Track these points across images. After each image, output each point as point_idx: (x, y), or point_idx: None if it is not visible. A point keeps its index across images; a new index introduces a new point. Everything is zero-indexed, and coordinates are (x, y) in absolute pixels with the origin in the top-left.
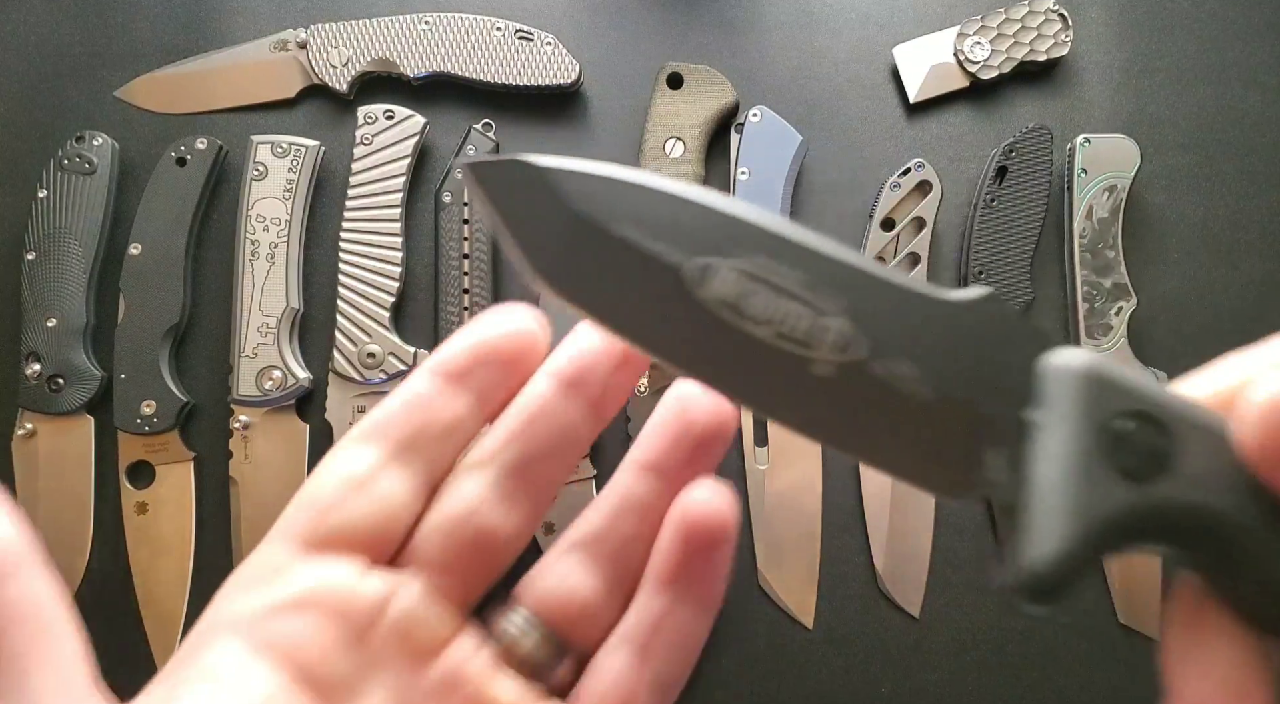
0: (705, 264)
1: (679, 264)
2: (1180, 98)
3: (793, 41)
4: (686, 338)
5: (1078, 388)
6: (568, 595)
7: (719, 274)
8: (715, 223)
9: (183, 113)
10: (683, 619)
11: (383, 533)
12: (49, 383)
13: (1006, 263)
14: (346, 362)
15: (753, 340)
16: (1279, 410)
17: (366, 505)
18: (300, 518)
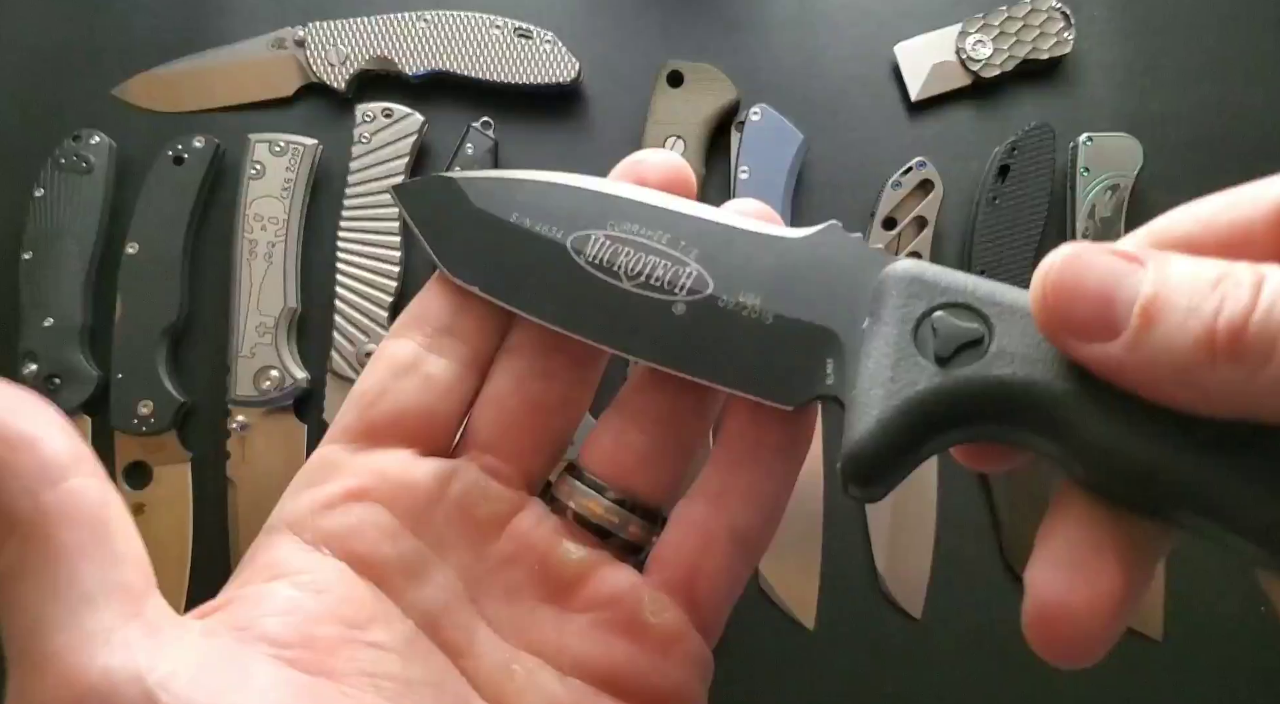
0: (582, 235)
1: (562, 239)
2: (1184, 96)
3: (794, 39)
4: (571, 300)
5: (898, 291)
6: (624, 449)
7: (594, 241)
8: (590, 201)
9: (180, 111)
10: (756, 473)
11: (432, 417)
12: (45, 383)
13: (1009, 262)
14: (345, 361)
15: (624, 292)
16: (1053, 277)
17: (412, 391)
18: (350, 414)
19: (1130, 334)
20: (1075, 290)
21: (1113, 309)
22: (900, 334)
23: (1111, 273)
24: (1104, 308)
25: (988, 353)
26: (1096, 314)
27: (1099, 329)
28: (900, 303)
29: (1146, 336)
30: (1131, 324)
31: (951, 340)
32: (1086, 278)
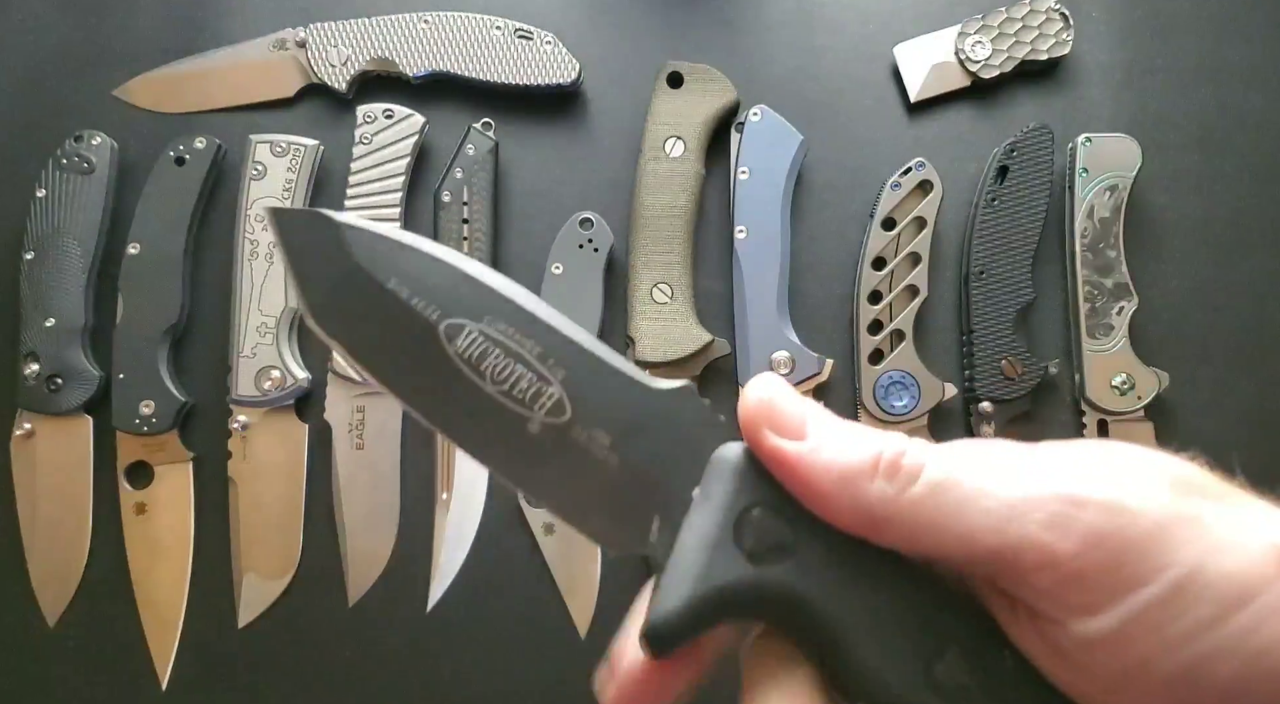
0: (457, 323)
1: (436, 321)
2: (1182, 97)
3: (793, 40)
4: (431, 386)
5: (729, 475)
6: None
7: (467, 333)
8: (473, 290)
9: (181, 112)
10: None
11: None
12: (47, 383)
13: (1007, 262)
14: (345, 361)
15: (485, 395)
16: (765, 390)
17: None
18: None
19: (815, 440)
20: (782, 401)
21: (805, 423)
22: (721, 521)
23: (807, 405)
24: (799, 420)
25: (793, 562)
26: (794, 422)
27: (793, 431)
28: (727, 487)
29: (827, 444)
30: (818, 434)
31: (764, 542)
32: (790, 396)
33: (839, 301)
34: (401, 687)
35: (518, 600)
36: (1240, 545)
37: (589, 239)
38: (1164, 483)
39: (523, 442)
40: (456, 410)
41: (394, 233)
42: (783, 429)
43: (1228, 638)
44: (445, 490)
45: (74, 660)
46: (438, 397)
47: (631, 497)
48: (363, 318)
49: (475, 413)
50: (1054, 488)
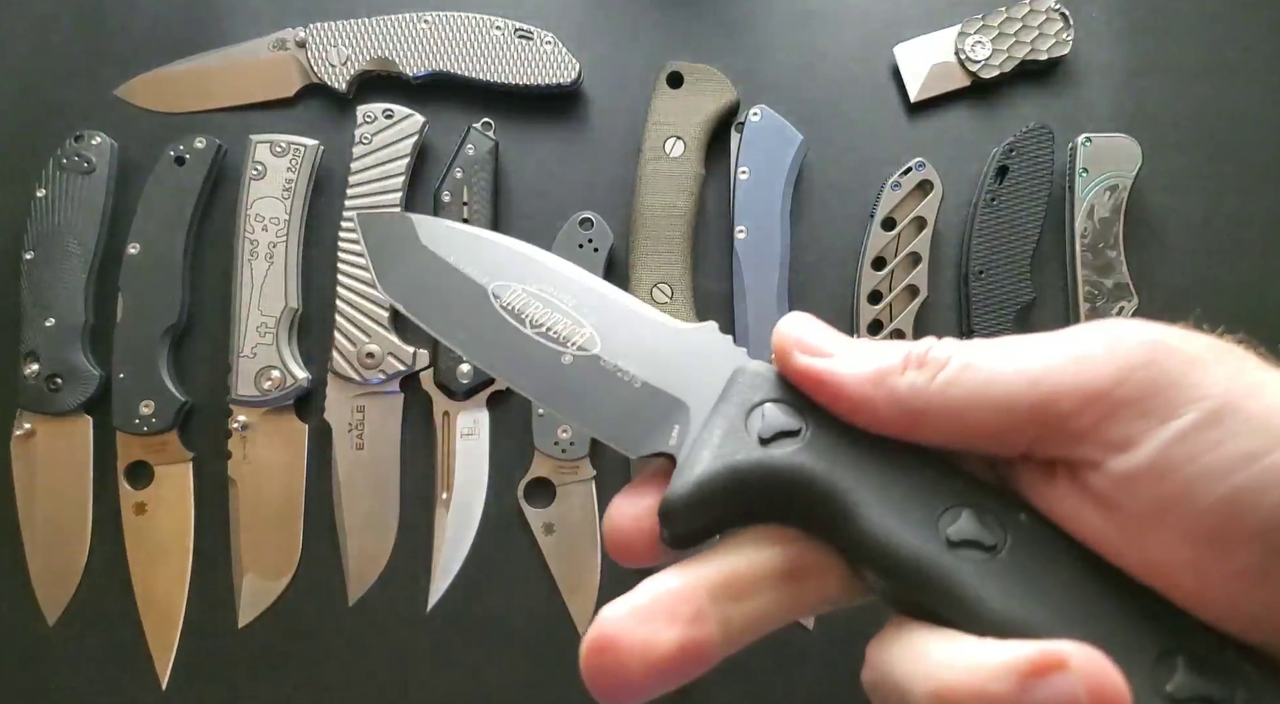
0: (504, 284)
1: (485, 284)
2: (1182, 97)
3: (793, 40)
4: (480, 334)
5: (746, 383)
6: None
7: (511, 291)
8: (518, 261)
9: (182, 112)
10: None
11: None
12: (47, 382)
13: (1007, 262)
14: (346, 361)
15: (525, 337)
16: (795, 321)
17: None
18: None
19: (845, 354)
20: (813, 327)
21: (834, 342)
22: (736, 414)
23: (836, 333)
24: (829, 340)
25: (801, 444)
26: (824, 342)
27: (823, 351)
28: (743, 391)
29: (857, 354)
30: (847, 349)
31: (773, 426)
32: (820, 326)
33: (839, 301)
34: (401, 686)
35: (518, 600)
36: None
37: (589, 239)
38: (1199, 336)
39: (557, 371)
40: (500, 352)
41: (458, 225)
42: (813, 350)
43: (1269, 469)
44: (445, 490)
45: (74, 660)
46: (485, 342)
47: (654, 411)
48: (425, 285)
49: (517, 352)
50: (1086, 336)
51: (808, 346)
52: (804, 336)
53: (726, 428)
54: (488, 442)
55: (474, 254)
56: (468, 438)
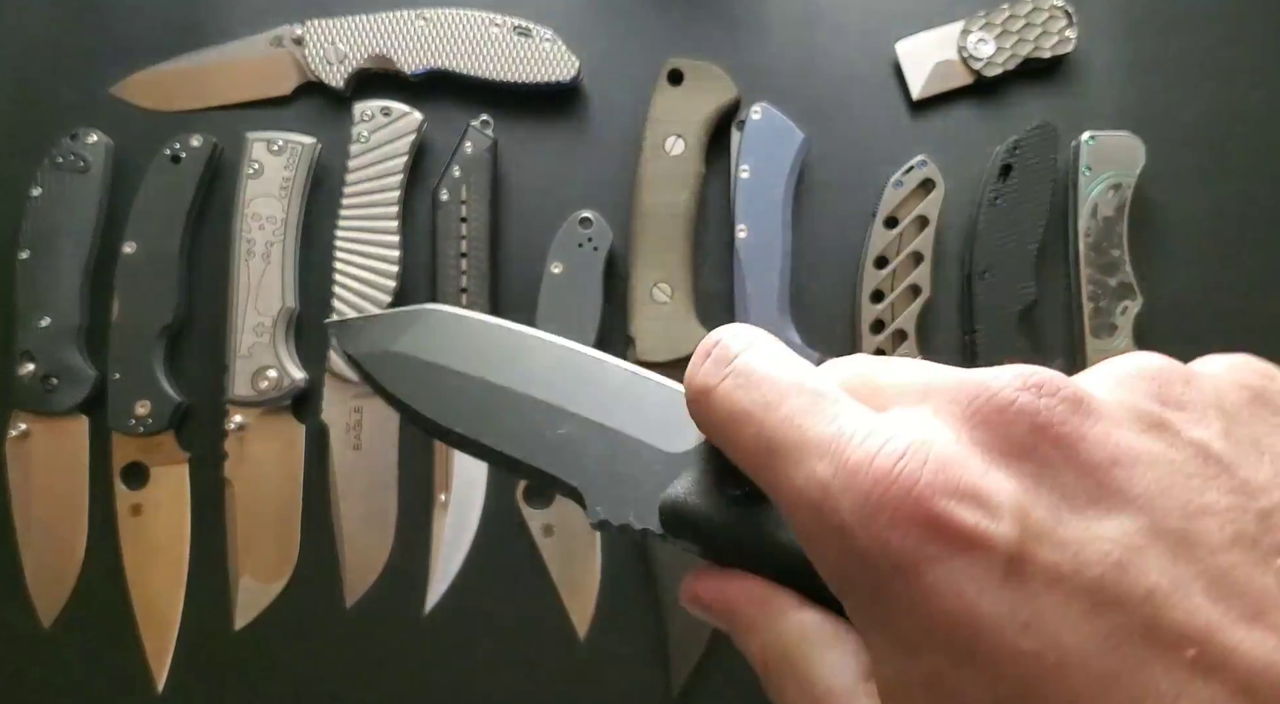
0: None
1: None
2: (1186, 95)
3: (795, 38)
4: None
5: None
6: None
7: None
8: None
9: (178, 110)
10: None
11: None
12: (43, 383)
13: (1010, 261)
14: (343, 362)
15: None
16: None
17: None
18: None
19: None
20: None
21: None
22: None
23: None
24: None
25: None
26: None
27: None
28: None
29: None
30: None
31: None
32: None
33: (841, 301)
34: (399, 689)
35: (516, 602)
36: None
37: (589, 238)
38: None
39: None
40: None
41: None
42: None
43: None
44: (443, 492)
45: (69, 662)
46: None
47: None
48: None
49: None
50: None
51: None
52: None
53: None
54: None
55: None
56: None
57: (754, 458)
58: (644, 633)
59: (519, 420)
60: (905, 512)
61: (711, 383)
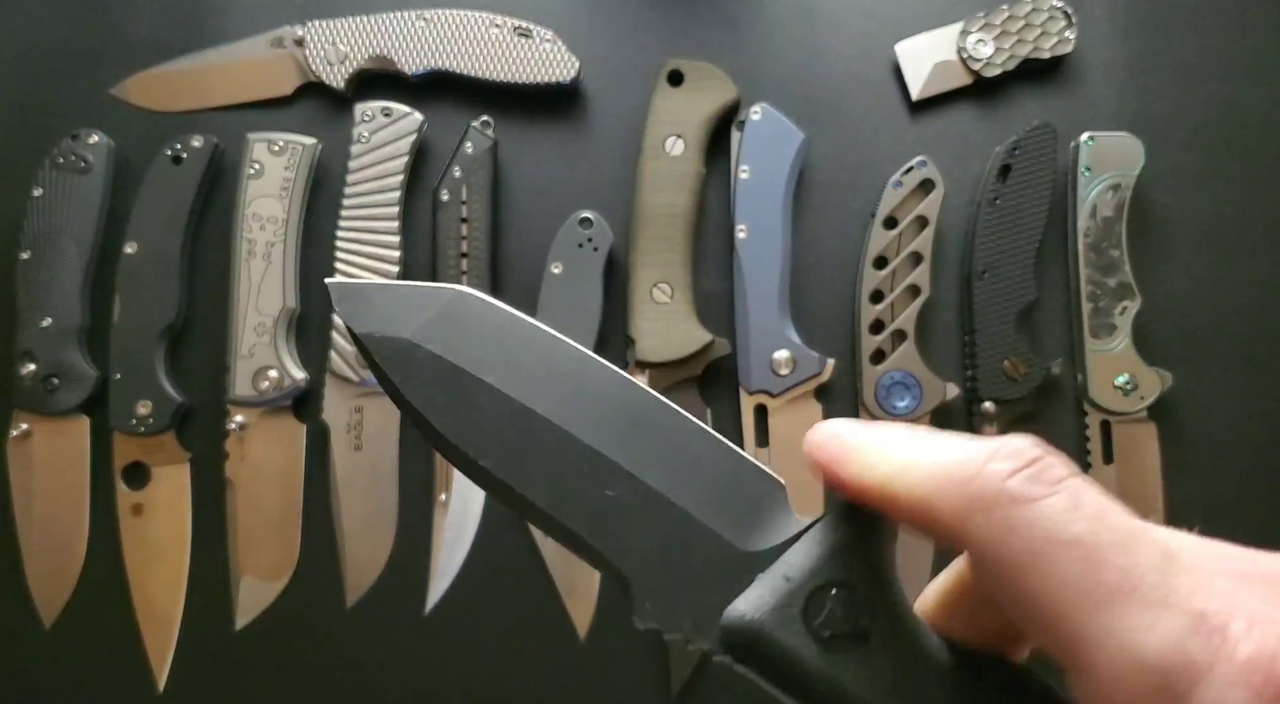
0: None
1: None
2: (1185, 95)
3: (794, 38)
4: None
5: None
6: None
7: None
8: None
9: (179, 111)
10: None
11: None
12: (44, 383)
13: (1010, 262)
14: (344, 362)
15: None
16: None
17: None
18: None
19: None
20: (852, 428)
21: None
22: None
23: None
24: (880, 436)
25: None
26: (872, 440)
27: (874, 451)
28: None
29: (929, 446)
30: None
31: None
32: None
33: (840, 301)
34: (400, 689)
35: (517, 602)
36: None
37: (589, 238)
38: None
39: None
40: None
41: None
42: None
43: None
44: (444, 492)
45: (70, 662)
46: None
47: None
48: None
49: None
50: None
51: (850, 449)
52: (846, 439)
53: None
54: None
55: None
56: None
57: (1063, 593)
58: (644, 633)
59: (561, 468)
60: None
61: (1032, 493)
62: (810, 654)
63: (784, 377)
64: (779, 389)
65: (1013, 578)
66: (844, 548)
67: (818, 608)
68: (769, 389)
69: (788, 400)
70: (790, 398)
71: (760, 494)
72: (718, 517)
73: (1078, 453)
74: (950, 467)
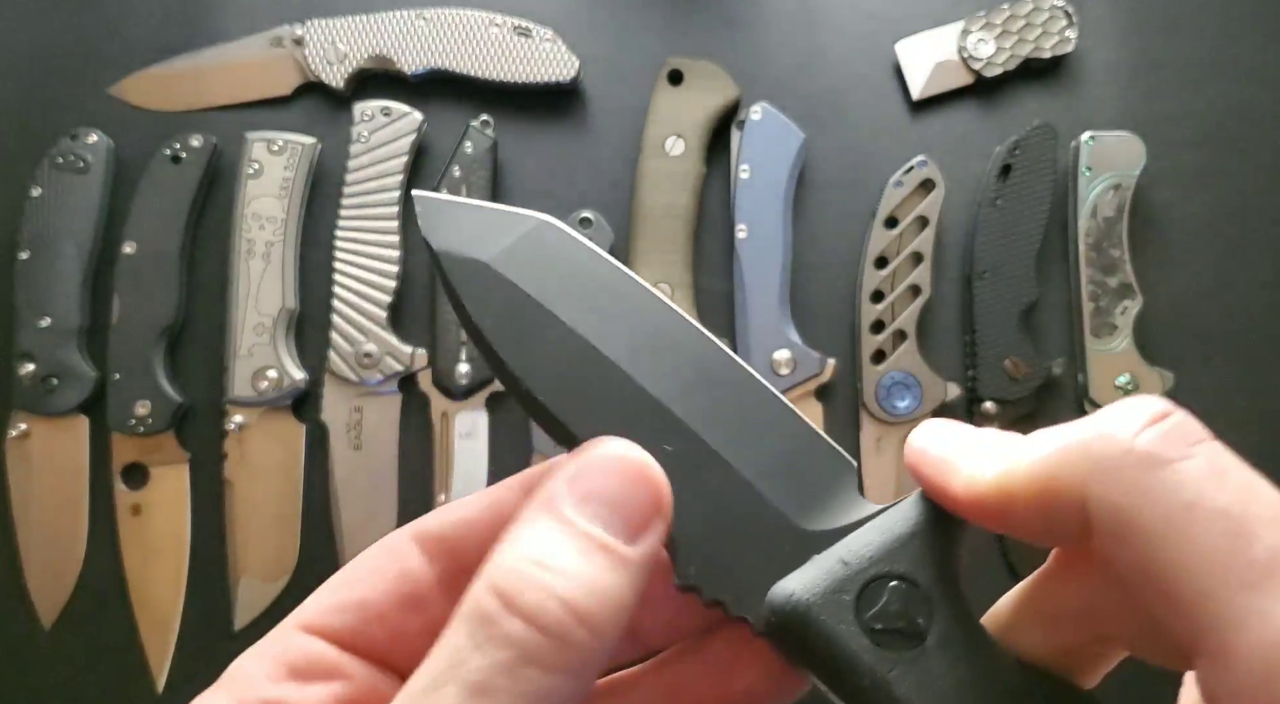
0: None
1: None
2: (1186, 95)
3: (795, 37)
4: None
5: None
6: None
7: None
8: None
9: (178, 110)
10: None
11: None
12: (43, 383)
13: (1011, 261)
14: (343, 362)
15: None
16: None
17: None
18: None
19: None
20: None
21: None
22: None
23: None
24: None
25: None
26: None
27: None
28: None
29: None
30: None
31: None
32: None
33: (841, 301)
34: None
35: None
36: None
37: (589, 238)
38: None
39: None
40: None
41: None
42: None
43: None
44: (443, 492)
45: (69, 663)
46: None
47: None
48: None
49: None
50: None
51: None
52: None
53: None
54: (486, 442)
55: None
56: (466, 439)
57: (1205, 568)
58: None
59: (620, 413)
60: None
61: (1168, 454)
62: (858, 645)
63: (784, 376)
64: (779, 389)
65: (1144, 548)
66: (910, 539)
67: (873, 598)
68: None
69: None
70: (791, 398)
71: (828, 473)
72: (780, 489)
73: None
74: (1068, 434)
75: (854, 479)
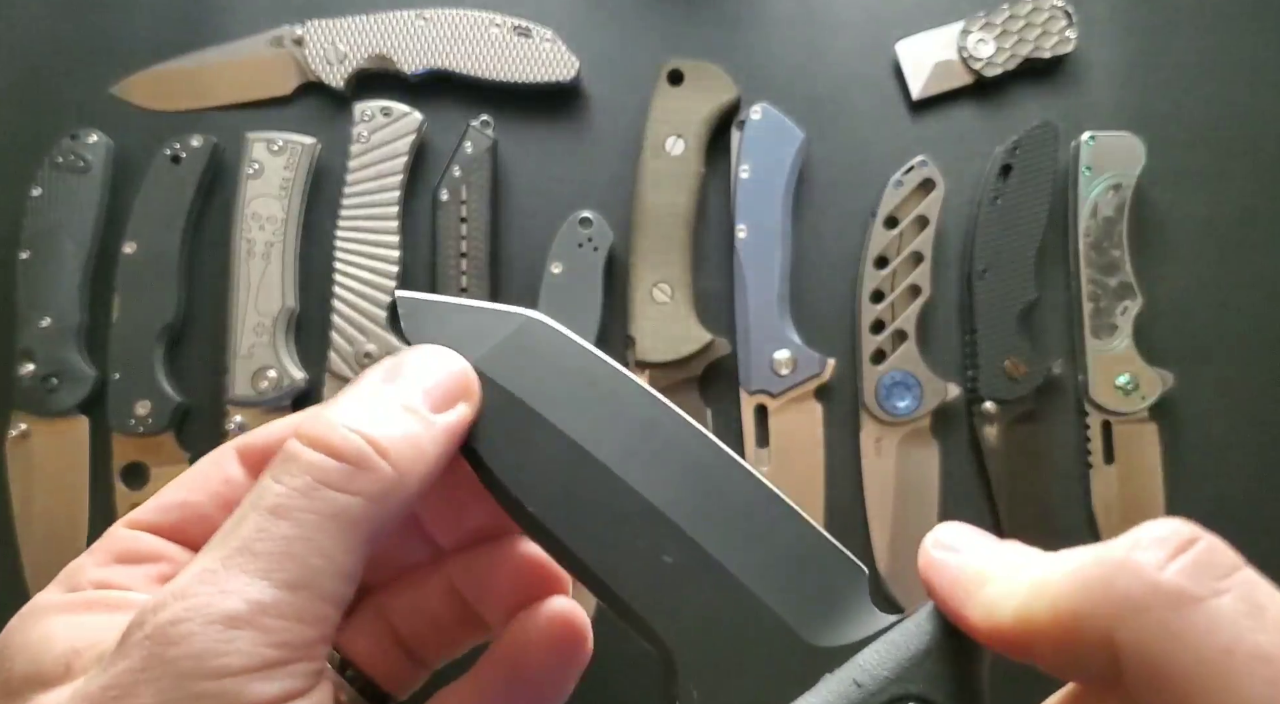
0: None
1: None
2: (1186, 94)
3: (795, 38)
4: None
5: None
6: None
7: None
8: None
9: (178, 110)
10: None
11: None
12: (42, 383)
13: (1011, 261)
14: (343, 362)
15: None
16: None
17: None
18: None
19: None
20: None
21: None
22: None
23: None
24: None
25: None
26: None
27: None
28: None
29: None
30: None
31: None
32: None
33: (841, 301)
34: None
35: None
36: None
37: (588, 238)
38: None
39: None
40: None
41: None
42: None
43: None
44: None
45: None
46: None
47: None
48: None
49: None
50: None
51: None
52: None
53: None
54: None
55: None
56: None
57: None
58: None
59: (615, 524)
60: None
61: (1198, 591)
62: None
63: (784, 377)
64: (779, 389)
65: (1180, 697)
66: (929, 656)
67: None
68: (769, 389)
69: (788, 400)
70: (791, 398)
71: (837, 581)
72: (786, 601)
73: (1078, 453)
74: (1089, 566)
75: (864, 586)
